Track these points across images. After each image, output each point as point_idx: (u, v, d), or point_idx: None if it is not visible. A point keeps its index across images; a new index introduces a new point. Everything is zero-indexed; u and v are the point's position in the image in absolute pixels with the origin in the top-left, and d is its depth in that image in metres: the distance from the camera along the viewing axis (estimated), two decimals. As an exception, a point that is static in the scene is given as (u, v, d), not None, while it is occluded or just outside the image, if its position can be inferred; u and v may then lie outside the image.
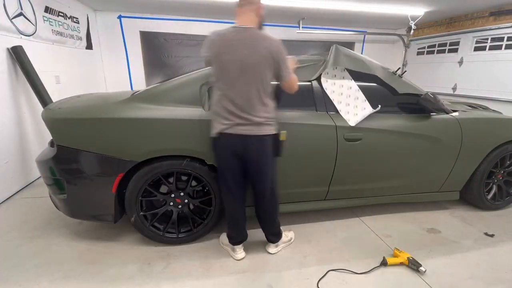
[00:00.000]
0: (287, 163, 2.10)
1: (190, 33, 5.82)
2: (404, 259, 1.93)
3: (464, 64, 5.28)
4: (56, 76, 3.79)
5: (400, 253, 1.98)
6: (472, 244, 2.23)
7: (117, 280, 1.77)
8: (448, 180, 2.52)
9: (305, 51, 6.58)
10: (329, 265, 1.94)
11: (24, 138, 3.11)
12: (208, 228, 2.14)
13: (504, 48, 4.64)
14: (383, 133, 2.21)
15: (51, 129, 1.86)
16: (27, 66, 3.03)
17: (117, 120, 1.84)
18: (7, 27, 2.93)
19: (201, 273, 1.85)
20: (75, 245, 2.11)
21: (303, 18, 5.46)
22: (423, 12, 4.96)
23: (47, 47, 3.64)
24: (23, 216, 2.51)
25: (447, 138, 2.34)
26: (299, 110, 2.15)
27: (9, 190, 2.90)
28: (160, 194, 2.03)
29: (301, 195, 2.27)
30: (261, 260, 1.98)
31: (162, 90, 2.04)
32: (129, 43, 5.61)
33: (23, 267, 1.88)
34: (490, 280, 1.85)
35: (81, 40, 4.68)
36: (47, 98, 3.22)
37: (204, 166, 1.97)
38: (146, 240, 2.14)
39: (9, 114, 2.90)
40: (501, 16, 4.61)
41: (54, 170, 1.88)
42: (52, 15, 3.82)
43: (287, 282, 1.79)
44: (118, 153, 1.84)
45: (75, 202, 1.97)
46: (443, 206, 2.82)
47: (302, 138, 2.08)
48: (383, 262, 1.93)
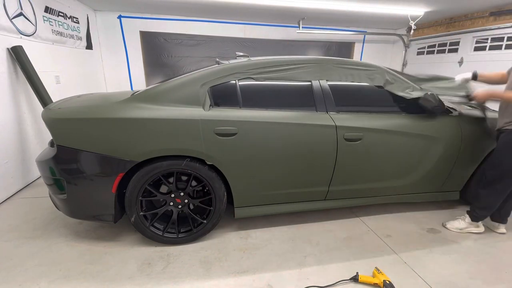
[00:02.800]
0: (287, 163, 2.10)
1: (190, 33, 5.83)
2: (380, 281, 1.75)
3: (464, 64, 5.28)
4: (56, 76, 3.79)
5: (379, 274, 1.80)
6: (472, 244, 2.23)
7: (117, 280, 1.77)
8: (448, 180, 2.52)
9: (305, 51, 6.59)
10: (329, 265, 1.94)
11: (24, 138, 3.11)
12: (208, 228, 2.14)
13: (504, 48, 4.64)
14: (383, 133, 2.22)
15: (51, 129, 1.86)
16: (27, 66, 3.03)
17: (117, 120, 1.84)
18: (7, 27, 2.93)
19: (201, 273, 1.85)
20: (75, 245, 2.11)
21: (303, 18, 5.46)
22: (423, 12, 4.96)
23: (47, 47, 3.64)
24: (23, 216, 2.51)
25: (447, 138, 2.34)
26: (299, 110, 2.15)
27: (9, 190, 2.90)
28: (160, 194, 2.04)
29: (301, 195, 2.27)
30: (261, 260, 1.99)
31: (162, 90, 2.04)
32: (129, 43, 5.62)
33: (23, 267, 1.88)
34: (490, 280, 1.85)
35: (81, 40, 4.68)
36: (47, 98, 3.22)
37: (204, 166, 1.98)
38: (146, 240, 2.14)
39: (9, 114, 2.90)
40: (501, 16, 4.61)
41: (54, 170, 1.88)
42: (52, 15, 3.82)
43: (287, 282, 1.79)
44: (118, 153, 1.84)
45: (75, 202, 1.97)
46: (443, 206, 2.82)
47: (302, 138, 2.08)
48: (354, 277, 1.80)
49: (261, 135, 2.02)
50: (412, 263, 1.99)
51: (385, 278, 1.78)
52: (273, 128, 2.03)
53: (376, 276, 1.80)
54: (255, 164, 2.06)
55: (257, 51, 6.22)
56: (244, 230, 2.34)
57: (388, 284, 1.73)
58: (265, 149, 2.04)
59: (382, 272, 1.83)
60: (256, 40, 6.21)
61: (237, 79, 2.10)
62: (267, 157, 2.06)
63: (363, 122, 2.19)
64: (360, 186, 2.35)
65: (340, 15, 5.28)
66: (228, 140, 1.96)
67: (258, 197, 2.19)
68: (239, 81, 2.11)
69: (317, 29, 6.25)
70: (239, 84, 2.10)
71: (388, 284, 1.73)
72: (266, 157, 2.06)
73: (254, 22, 6.06)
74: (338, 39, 6.73)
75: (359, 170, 2.27)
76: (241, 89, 2.10)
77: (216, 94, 2.06)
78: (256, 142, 2.02)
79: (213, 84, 2.05)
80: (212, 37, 5.96)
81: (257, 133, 2.01)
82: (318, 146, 2.12)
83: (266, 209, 2.25)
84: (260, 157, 2.05)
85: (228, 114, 1.99)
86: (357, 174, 2.29)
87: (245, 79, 2.12)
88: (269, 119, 2.04)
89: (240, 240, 2.21)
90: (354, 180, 2.31)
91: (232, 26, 5.97)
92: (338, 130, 2.12)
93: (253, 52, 6.15)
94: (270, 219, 2.48)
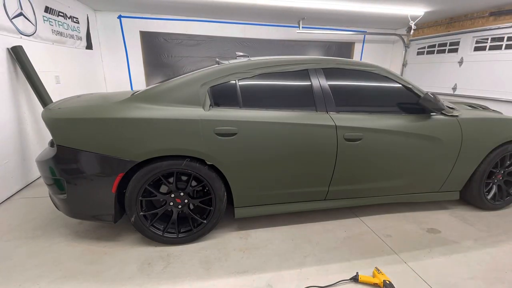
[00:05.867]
0: (287, 163, 2.10)
1: (190, 33, 5.82)
2: (380, 281, 1.75)
3: (464, 64, 5.28)
4: (56, 76, 3.79)
5: (379, 274, 1.80)
6: (472, 244, 2.23)
7: (117, 280, 1.77)
8: (448, 180, 2.52)
9: (305, 51, 6.59)
10: (329, 265, 1.94)
11: (24, 138, 3.11)
12: (208, 228, 2.14)
13: (504, 48, 4.64)
14: (383, 133, 2.22)
15: (51, 129, 1.86)
16: (27, 66, 3.03)
17: (117, 120, 1.84)
18: (7, 27, 2.93)
19: (201, 273, 1.85)
20: (75, 245, 2.11)
21: (303, 18, 5.46)
22: (423, 12, 4.97)
23: (47, 47, 3.64)
24: (23, 216, 2.51)
25: (447, 138, 2.34)
26: (299, 110, 2.15)
27: (9, 190, 2.90)
28: (160, 194, 2.04)
29: (301, 195, 2.27)
30: (261, 260, 1.99)
31: (162, 90, 2.04)
32: (129, 43, 5.62)
33: (23, 267, 1.88)
34: (490, 280, 1.85)
35: (81, 40, 4.68)
36: (47, 98, 3.22)
37: (204, 166, 1.98)
38: (146, 240, 2.14)
39: (9, 114, 2.90)
40: (501, 16, 4.61)
41: (54, 170, 1.88)
42: (52, 15, 3.82)
43: (287, 282, 1.79)
44: (118, 153, 1.84)
45: (75, 202, 1.97)
46: (443, 206, 2.82)
47: (302, 138, 2.08)
48: (354, 277, 1.79)
49: (261, 135, 2.02)
50: (412, 263, 1.99)
51: (385, 278, 1.78)
52: (273, 128, 2.03)
53: (376, 276, 1.79)
54: (255, 164, 2.06)
55: (257, 51, 6.22)
56: (244, 230, 2.34)
57: (388, 284, 1.73)
58: (265, 149, 2.04)
59: (382, 272, 1.82)
60: (256, 40, 6.21)
61: (237, 79, 2.10)
62: (267, 157, 2.06)
63: (363, 122, 2.19)
64: (360, 186, 2.35)
65: (340, 15, 5.28)
66: (228, 140, 1.96)
67: (258, 197, 2.19)
68: (239, 81, 2.11)
69: (317, 29, 6.26)
70: (239, 84, 2.10)
71: (388, 284, 1.73)
72: (266, 157, 2.06)
73: (254, 22, 6.06)
74: (338, 39, 6.73)
75: (359, 170, 2.27)
76: (241, 89, 2.10)
77: (216, 94, 2.06)
78: (256, 142, 2.02)
79: (213, 84, 2.05)
80: (212, 37, 5.96)
81: (257, 133, 2.01)
82: (318, 146, 2.12)
83: (266, 209, 2.25)
84: (260, 157, 2.05)
85: (228, 114, 1.99)
86: (357, 174, 2.29)
87: (245, 79, 2.12)
88: (269, 119, 2.04)
89: (240, 240, 2.21)
90: (354, 180, 2.31)
91: (232, 26, 5.97)
92: (338, 130, 2.12)
93: (253, 52, 6.15)
94: (270, 219, 2.48)
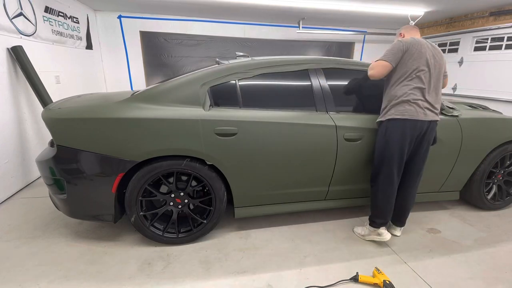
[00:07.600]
0: (287, 163, 2.10)
1: (190, 33, 5.82)
2: (380, 281, 1.74)
3: (464, 64, 5.28)
4: (56, 76, 3.79)
5: (379, 274, 1.80)
6: (472, 244, 2.23)
7: (117, 280, 1.77)
8: (448, 180, 2.52)
9: (305, 51, 6.59)
10: (329, 265, 1.94)
11: (24, 138, 3.11)
12: (208, 228, 2.14)
13: (504, 48, 4.64)
14: (383, 133, 2.21)
15: (51, 129, 1.86)
16: (27, 66, 3.03)
17: (117, 120, 1.84)
18: (7, 27, 2.93)
19: (201, 273, 1.85)
20: (75, 245, 2.11)
21: (303, 18, 5.46)
22: (423, 12, 4.96)
23: (47, 47, 3.64)
24: (23, 216, 2.51)
25: (447, 138, 2.34)
26: (299, 110, 2.15)
27: (9, 190, 2.90)
28: (160, 194, 2.04)
29: (301, 195, 2.27)
30: (261, 260, 1.99)
31: (162, 90, 2.04)
32: (129, 43, 5.62)
33: (23, 267, 1.87)
34: (490, 280, 1.85)
35: (81, 40, 4.68)
36: (47, 98, 3.21)
37: (204, 166, 1.98)
38: (146, 240, 2.14)
39: (9, 114, 2.90)
40: (501, 16, 4.61)
41: (54, 170, 1.88)
42: (52, 15, 3.82)
43: (287, 282, 1.79)
44: (118, 153, 1.84)
45: (75, 202, 1.97)
46: (443, 206, 2.82)
47: (302, 138, 2.08)
48: (354, 277, 1.79)
49: (261, 135, 2.02)
50: (412, 263, 1.99)
51: (385, 278, 1.77)
52: (273, 128, 2.03)
53: (376, 276, 1.79)
54: (255, 164, 2.06)
55: (257, 51, 6.22)
56: (244, 230, 2.34)
57: (388, 284, 1.73)
58: (265, 149, 2.04)
59: (382, 272, 1.82)
60: (256, 40, 6.21)
61: (237, 79, 2.10)
62: (267, 157, 2.06)
63: (363, 122, 2.18)
64: (360, 186, 2.35)
65: (340, 15, 5.28)
66: (228, 140, 1.96)
67: (258, 197, 2.19)
68: (239, 81, 2.11)
69: (317, 29, 6.26)
70: (239, 84, 2.10)
71: (388, 284, 1.73)
72: (266, 157, 2.06)
73: (254, 22, 6.06)
74: (338, 39, 6.73)
75: (359, 170, 2.27)
76: (241, 89, 2.10)
77: (216, 94, 2.06)
78: (256, 142, 2.02)
79: (213, 84, 2.05)
80: (212, 37, 5.96)
81: (257, 133, 2.01)
82: (318, 146, 2.12)
83: (266, 209, 2.25)
84: (260, 157, 2.04)
85: (228, 114, 1.99)
86: (357, 174, 2.28)
87: (245, 79, 2.12)
88: (269, 119, 2.04)
89: (240, 240, 2.21)
90: (354, 180, 2.31)
91: (232, 26, 5.97)
92: (338, 130, 2.12)
93: (253, 52, 6.15)
94: (270, 219, 2.48)
